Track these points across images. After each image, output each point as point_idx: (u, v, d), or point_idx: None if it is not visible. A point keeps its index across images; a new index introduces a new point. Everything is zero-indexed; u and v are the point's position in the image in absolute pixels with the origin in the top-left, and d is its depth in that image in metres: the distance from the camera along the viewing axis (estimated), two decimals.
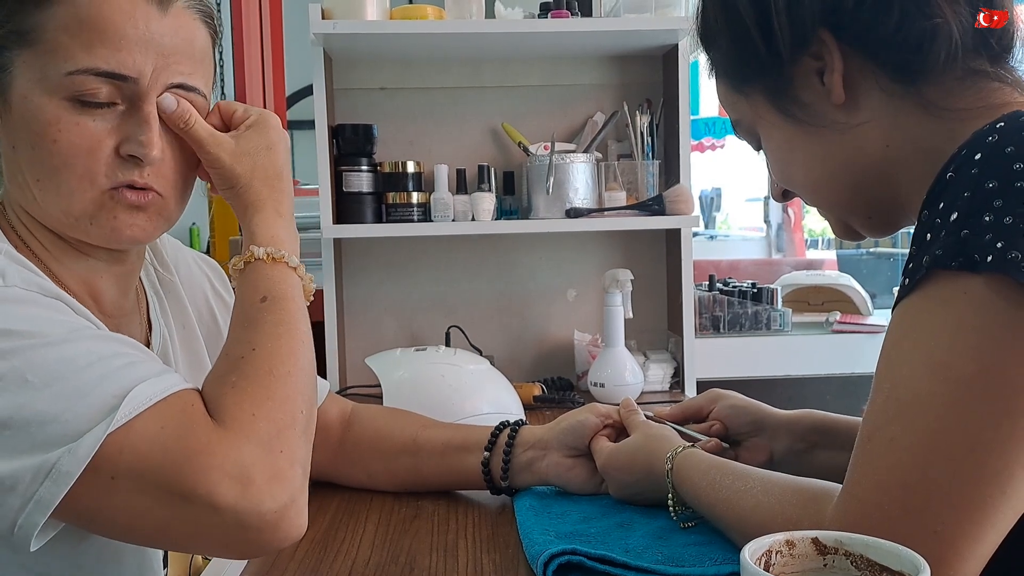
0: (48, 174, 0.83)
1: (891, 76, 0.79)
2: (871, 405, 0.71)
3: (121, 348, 0.77)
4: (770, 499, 0.80)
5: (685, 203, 1.87)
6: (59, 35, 0.81)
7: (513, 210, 1.96)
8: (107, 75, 0.81)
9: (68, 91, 0.81)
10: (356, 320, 2.03)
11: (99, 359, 0.74)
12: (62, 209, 0.85)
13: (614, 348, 1.79)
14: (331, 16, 1.77)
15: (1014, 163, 0.67)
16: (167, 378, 0.77)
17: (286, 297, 0.87)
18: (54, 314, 0.78)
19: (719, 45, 0.88)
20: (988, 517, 0.65)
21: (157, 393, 0.74)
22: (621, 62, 2.03)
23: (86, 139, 0.82)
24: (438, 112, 2.02)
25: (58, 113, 0.81)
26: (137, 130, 0.84)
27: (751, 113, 0.88)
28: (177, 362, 1.02)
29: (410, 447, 1.16)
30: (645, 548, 0.89)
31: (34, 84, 0.82)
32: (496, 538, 1.00)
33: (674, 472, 0.94)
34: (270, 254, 0.88)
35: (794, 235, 6.75)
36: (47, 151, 0.82)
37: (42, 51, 0.81)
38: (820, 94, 0.82)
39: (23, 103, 0.82)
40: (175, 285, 1.06)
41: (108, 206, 0.85)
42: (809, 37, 0.80)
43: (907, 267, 0.72)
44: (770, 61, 0.82)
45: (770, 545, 0.61)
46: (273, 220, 0.91)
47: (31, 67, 0.82)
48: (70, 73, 0.80)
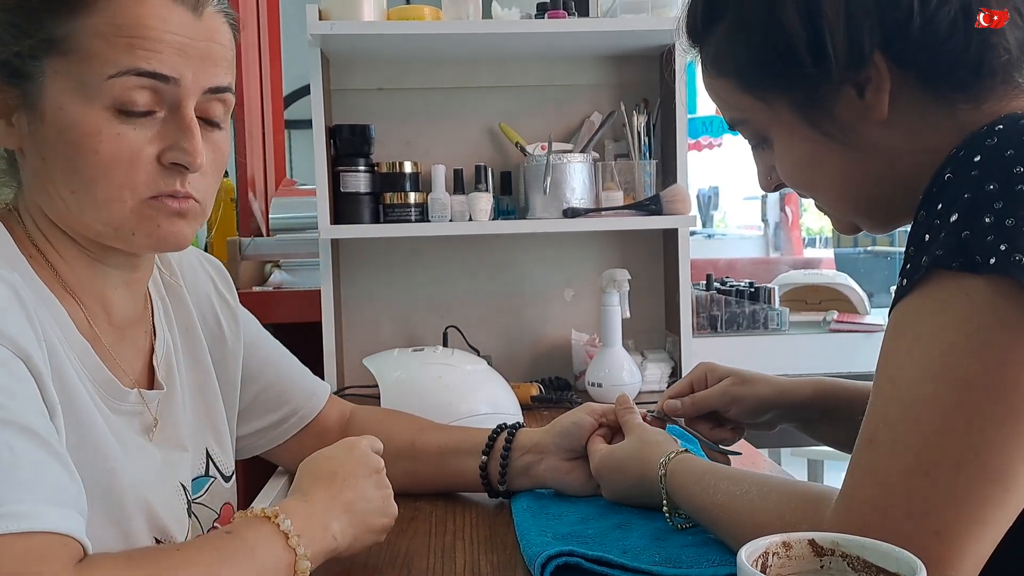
0: (86, 185, 0.82)
1: (938, 95, 0.77)
2: (871, 407, 0.71)
3: (41, 458, 0.69)
4: (767, 503, 0.80)
5: (682, 203, 1.87)
6: (96, 41, 0.80)
7: (510, 210, 1.96)
8: (149, 75, 0.81)
9: (108, 98, 0.80)
10: (353, 320, 2.03)
11: (6, 461, 0.66)
12: (101, 220, 0.84)
13: (612, 348, 1.79)
14: (328, 17, 1.77)
15: (1014, 166, 0.67)
16: (56, 512, 0.67)
17: (252, 549, 0.75)
18: (9, 381, 0.71)
19: (733, 45, 0.83)
20: (990, 517, 0.65)
21: (28, 524, 0.64)
22: (618, 62, 2.03)
23: (127, 149, 0.82)
24: (435, 112, 2.02)
25: (98, 124, 0.80)
26: (181, 137, 0.83)
27: (767, 117, 0.84)
28: (180, 368, 1.02)
29: (407, 451, 1.17)
30: (642, 549, 0.89)
31: (71, 93, 0.80)
32: (494, 539, 1.00)
33: (667, 478, 0.94)
34: (265, 512, 0.79)
35: (792, 233, 6.75)
36: (86, 162, 0.81)
37: (78, 59, 0.80)
38: (857, 109, 0.79)
39: (59, 113, 0.81)
40: (179, 288, 1.06)
41: (149, 215, 0.85)
42: (866, 60, 0.76)
43: (904, 268, 0.72)
44: (812, 77, 0.78)
45: (767, 547, 0.61)
46: (298, 501, 0.85)
47: (66, 75, 0.80)
48: (112, 76, 0.80)
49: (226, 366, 1.10)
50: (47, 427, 0.73)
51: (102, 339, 0.90)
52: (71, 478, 0.71)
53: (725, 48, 0.84)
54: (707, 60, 0.87)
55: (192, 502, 0.98)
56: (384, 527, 0.92)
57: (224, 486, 1.06)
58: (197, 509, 0.99)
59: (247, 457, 1.18)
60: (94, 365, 0.87)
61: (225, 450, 1.07)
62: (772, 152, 0.87)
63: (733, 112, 0.88)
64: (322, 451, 0.93)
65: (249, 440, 1.17)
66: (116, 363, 0.91)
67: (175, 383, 0.99)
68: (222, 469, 1.06)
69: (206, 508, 1.01)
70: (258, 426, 1.17)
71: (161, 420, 0.95)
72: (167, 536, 0.90)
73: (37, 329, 0.77)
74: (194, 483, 0.99)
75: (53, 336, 0.81)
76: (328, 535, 0.84)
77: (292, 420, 1.18)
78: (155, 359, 0.98)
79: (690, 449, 0.98)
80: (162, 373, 0.98)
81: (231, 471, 1.08)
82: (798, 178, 0.87)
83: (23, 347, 0.74)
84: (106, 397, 0.88)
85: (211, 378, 1.07)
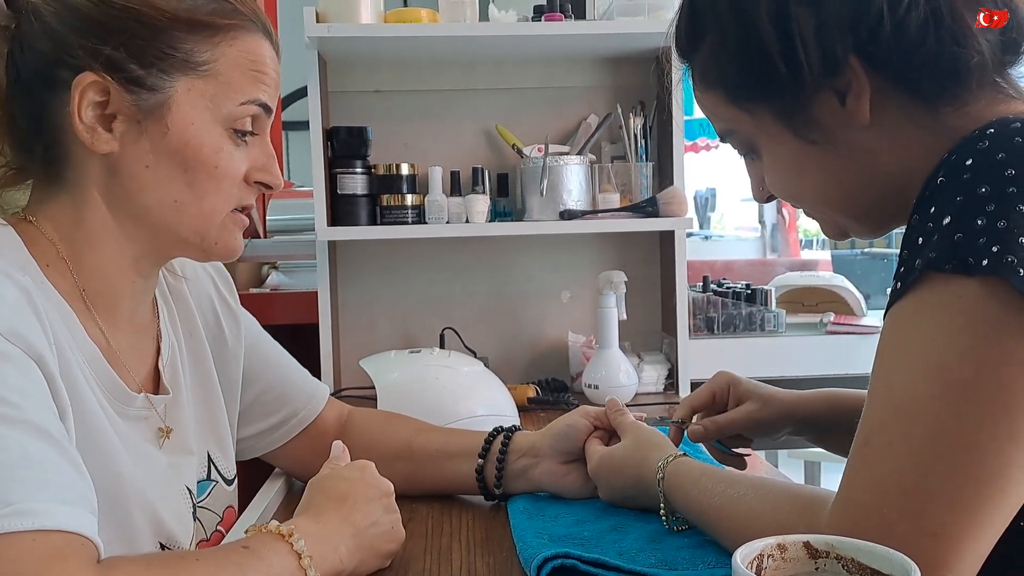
0: (196, 196, 0.89)
1: (919, 99, 0.78)
2: (867, 409, 0.72)
3: (53, 458, 0.70)
4: (764, 505, 0.80)
5: (679, 205, 1.87)
6: (234, 71, 0.90)
7: (507, 212, 1.96)
8: (264, 107, 0.92)
9: (231, 121, 0.90)
10: (350, 322, 2.03)
11: (18, 460, 0.67)
12: (195, 228, 0.91)
13: (608, 350, 1.79)
14: (325, 19, 1.77)
15: (1006, 169, 0.68)
16: (69, 512, 0.67)
17: (268, 566, 0.76)
18: (23, 381, 0.72)
19: (716, 59, 0.85)
20: (987, 517, 0.66)
21: (43, 522, 0.65)
22: (614, 64, 2.03)
23: (236, 168, 0.91)
24: (432, 114, 2.02)
25: (221, 142, 0.90)
26: (268, 161, 0.94)
27: (753, 128, 0.85)
28: (184, 372, 1.02)
29: (404, 453, 1.17)
30: (639, 551, 0.90)
31: (203, 111, 0.88)
32: (490, 541, 1.01)
33: (665, 481, 0.94)
34: (280, 530, 0.80)
35: (788, 235, 6.77)
36: (207, 174, 0.89)
37: (216, 83, 0.89)
38: (839, 115, 0.79)
39: (187, 127, 0.88)
40: (183, 291, 1.06)
41: (227, 226, 0.93)
42: (840, 65, 0.77)
43: (898, 271, 0.72)
44: (790, 84, 0.79)
45: (762, 549, 0.61)
46: (310, 521, 0.85)
47: (200, 95, 0.88)
48: (243, 104, 0.90)
49: (227, 368, 1.10)
50: (59, 427, 0.74)
51: (111, 344, 0.91)
52: (82, 478, 0.72)
53: (710, 62, 0.86)
54: (695, 75, 0.89)
55: (197, 505, 0.98)
56: (390, 553, 0.93)
57: (226, 489, 1.06)
58: (200, 512, 0.99)
59: (245, 459, 1.18)
60: (103, 369, 0.88)
61: (227, 454, 1.07)
62: (762, 163, 0.88)
63: (722, 124, 0.89)
64: (334, 471, 0.94)
65: (249, 442, 1.17)
66: (124, 368, 0.92)
67: (180, 387, 1.00)
68: (223, 473, 1.06)
69: (209, 511, 1.02)
70: (258, 428, 1.17)
71: (168, 424, 0.96)
72: (172, 540, 0.91)
73: (48, 332, 0.78)
74: (197, 486, 1.00)
75: (63, 339, 0.81)
76: (336, 557, 0.84)
77: (292, 422, 1.18)
78: (161, 363, 0.98)
79: (688, 452, 0.98)
80: (168, 377, 0.98)
81: (233, 474, 1.08)
82: (786, 186, 0.87)
83: (35, 348, 0.75)
84: (113, 401, 0.89)
85: (213, 381, 1.07)
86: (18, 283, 0.77)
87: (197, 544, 0.98)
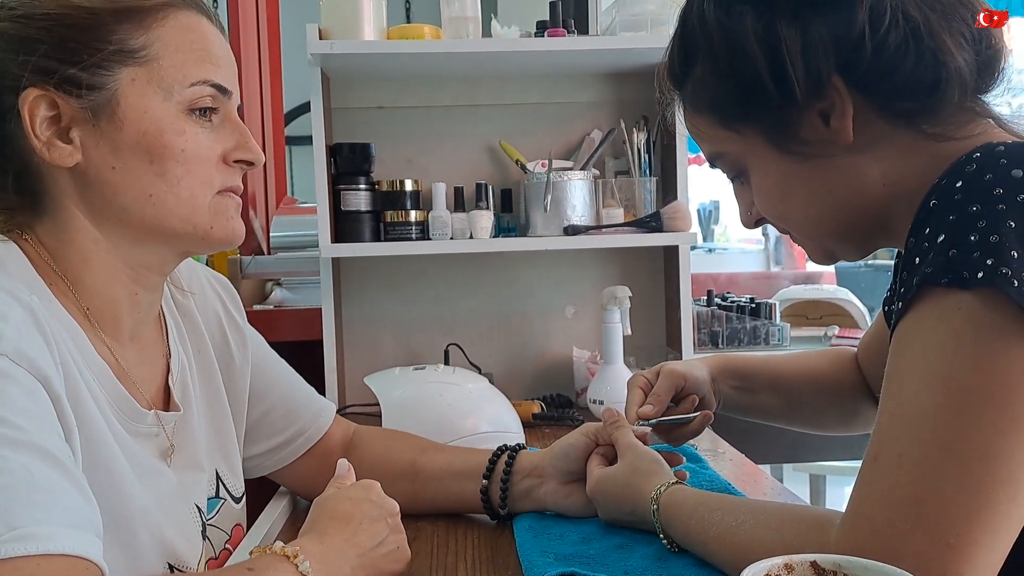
0: (170, 184, 0.87)
1: (901, 117, 0.80)
2: (876, 426, 0.73)
3: (58, 480, 0.69)
4: (767, 530, 0.80)
5: (683, 219, 1.87)
6: (175, 52, 0.87)
7: (511, 228, 1.97)
8: (217, 87, 0.90)
9: (186, 103, 0.88)
10: (354, 339, 2.03)
11: (23, 483, 0.67)
12: (182, 217, 0.89)
13: (613, 365, 1.79)
14: (328, 36, 1.78)
15: (994, 188, 0.70)
16: (74, 536, 0.67)
17: None
18: (28, 403, 0.72)
19: (707, 83, 0.87)
20: (1000, 525, 0.66)
21: (47, 547, 0.65)
22: (617, 79, 2.04)
23: (205, 148, 0.89)
24: (436, 131, 2.02)
25: (182, 125, 0.88)
26: (242, 138, 0.92)
27: (742, 149, 0.88)
28: (195, 389, 1.02)
29: (408, 472, 1.16)
30: (644, 570, 0.89)
31: (153, 98, 0.86)
32: (495, 560, 1.00)
33: (660, 513, 0.94)
34: (285, 551, 0.79)
35: (793, 248, 6.76)
36: (174, 160, 0.87)
37: (159, 67, 0.87)
38: (824, 135, 0.82)
39: (141, 117, 0.86)
40: (190, 308, 1.06)
41: (221, 209, 0.92)
42: (824, 85, 0.79)
43: (900, 291, 0.74)
44: (778, 103, 0.81)
45: (768, 569, 0.61)
46: (315, 542, 0.85)
47: (145, 82, 0.86)
48: (193, 85, 0.88)
49: (235, 386, 1.10)
50: (64, 449, 0.73)
51: (120, 362, 0.91)
52: (87, 501, 0.72)
53: (700, 86, 0.88)
54: (686, 100, 0.91)
55: (206, 524, 0.98)
56: (395, 573, 0.92)
57: (234, 507, 1.06)
58: (210, 530, 0.99)
59: (251, 478, 1.18)
60: (113, 387, 0.88)
61: (235, 471, 1.07)
62: (750, 188, 0.90)
63: (711, 146, 0.91)
64: (339, 491, 0.93)
65: (256, 461, 1.17)
66: (134, 385, 0.92)
67: (191, 404, 0.99)
68: (232, 490, 1.05)
69: (218, 529, 1.01)
70: (265, 447, 1.16)
71: (177, 442, 0.96)
72: (179, 560, 0.90)
73: (54, 351, 0.77)
74: (207, 504, 0.99)
75: (70, 359, 0.81)
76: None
77: (299, 441, 1.18)
78: (171, 380, 0.98)
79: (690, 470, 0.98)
80: (178, 394, 0.98)
81: (241, 492, 1.08)
82: (773, 207, 0.89)
83: (41, 368, 0.74)
84: (124, 419, 0.88)
85: (222, 398, 1.07)
86: (23, 302, 0.77)
87: (206, 562, 0.97)
